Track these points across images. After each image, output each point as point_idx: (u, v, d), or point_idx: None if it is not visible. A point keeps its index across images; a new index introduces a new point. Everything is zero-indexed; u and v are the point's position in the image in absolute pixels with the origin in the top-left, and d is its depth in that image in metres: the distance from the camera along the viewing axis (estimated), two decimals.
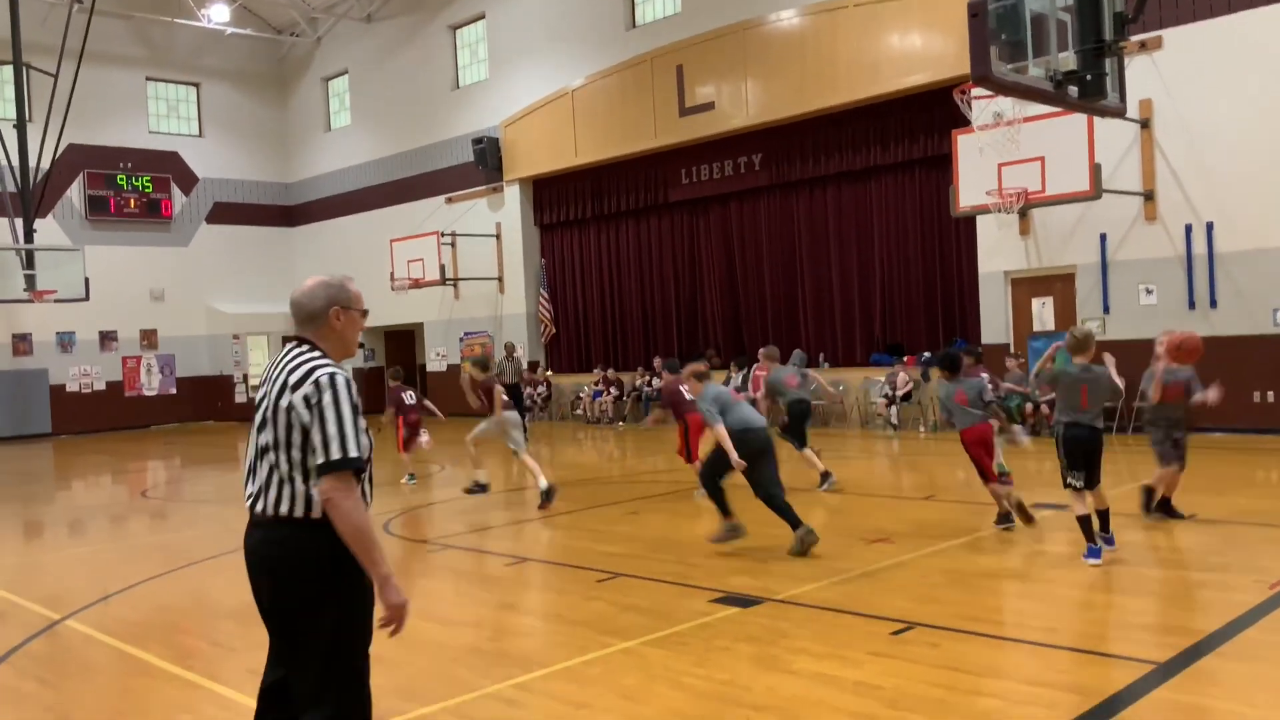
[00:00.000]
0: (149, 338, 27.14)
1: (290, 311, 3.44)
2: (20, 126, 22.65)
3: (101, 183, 26.30)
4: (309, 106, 29.00)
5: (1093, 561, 6.86)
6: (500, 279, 23.55)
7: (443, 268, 22.87)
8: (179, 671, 5.60)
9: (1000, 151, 13.55)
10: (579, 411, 21.42)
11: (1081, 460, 7.07)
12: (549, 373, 22.81)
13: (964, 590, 6.50)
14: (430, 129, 25.04)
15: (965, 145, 14.49)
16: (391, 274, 23.52)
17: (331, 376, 3.22)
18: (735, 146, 19.53)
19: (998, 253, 15.88)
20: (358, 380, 16.49)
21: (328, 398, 3.18)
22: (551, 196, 23.02)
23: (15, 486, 15.77)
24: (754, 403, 11.96)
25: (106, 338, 26.43)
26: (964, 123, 13.85)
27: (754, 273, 19.95)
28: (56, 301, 22.40)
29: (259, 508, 3.24)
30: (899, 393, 16.69)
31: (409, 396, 12.99)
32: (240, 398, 27.17)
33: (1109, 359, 7.42)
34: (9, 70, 23.22)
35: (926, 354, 17.17)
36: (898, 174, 17.81)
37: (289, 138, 29.61)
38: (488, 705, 4.85)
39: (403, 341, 27.92)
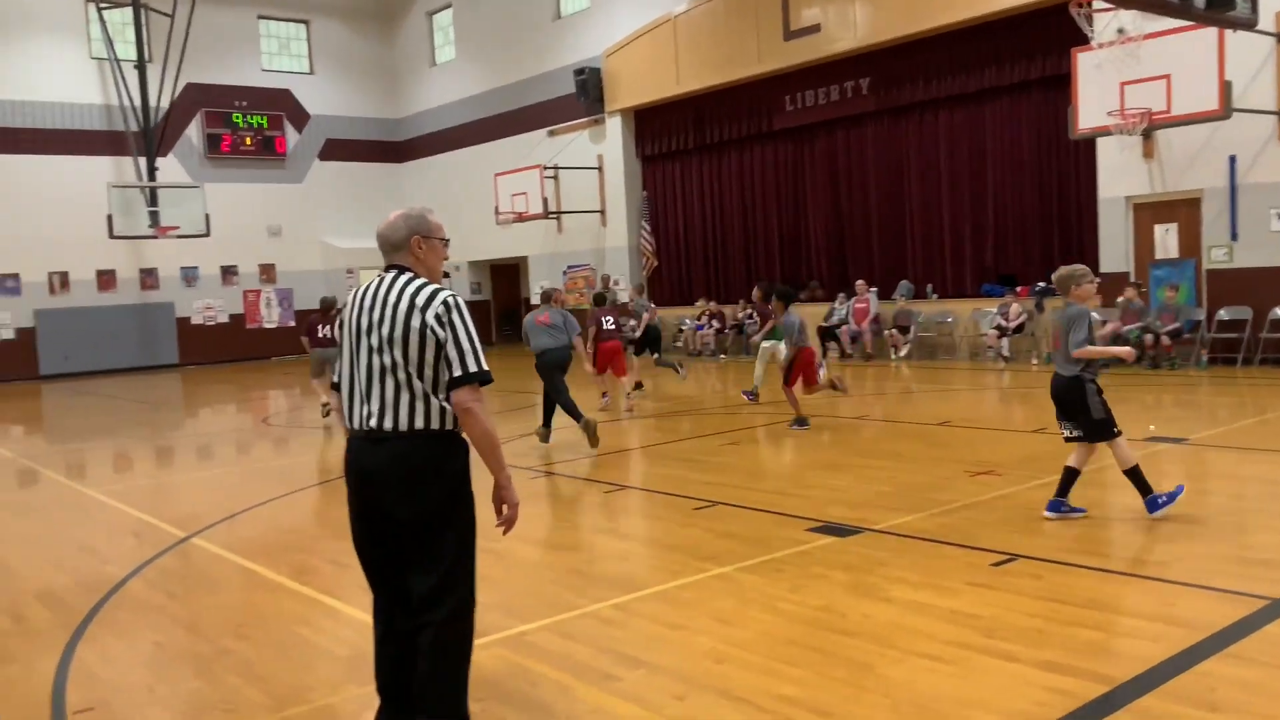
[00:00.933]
0: (268, 272, 28.12)
1: (378, 244, 3.60)
2: (140, 67, 23.50)
3: (219, 121, 27.11)
4: (414, 41, 29.25)
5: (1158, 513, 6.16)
6: (602, 211, 23.58)
7: (545, 201, 23.01)
8: (297, 587, 5.89)
9: (1122, 69, 12.88)
10: (679, 344, 21.45)
11: (1059, 409, 6.37)
12: (652, 305, 22.80)
13: (1070, 523, 6.34)
14: (532, 61, 25.02)
15: (1085, 63, 13.80)
16: (496, 208, 23.75)
17: (455, 297, 3.44)
18: (842, 70, 19.00)
19: (1119, 177, 15.18)
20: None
21: (456, 316, 3.40)
22: (653, 127, 22.84)
23: (146, 414, 16.65)
24: (858, 333, 12.99)
25: (228, 272, 27.47)
26: (1083, 40, 13.17)
27: (859, 201, 19.51)
28: (179, 237, 23.40)
29: (387, 425, 3.40)
30: (1011, 324, 16.22)
31: (608, 321, 13.14)
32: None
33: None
34: (129, 12, 23.97)
35: (1041, 284, 16.61)
36: (1013, 95, 17.09)
37: (396, 73, 29.96)
38: (586, 624, 4.98)
39: (509, 275, 28.32)
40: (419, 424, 3.38)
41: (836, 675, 4.17)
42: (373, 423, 3.42)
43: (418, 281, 3.46)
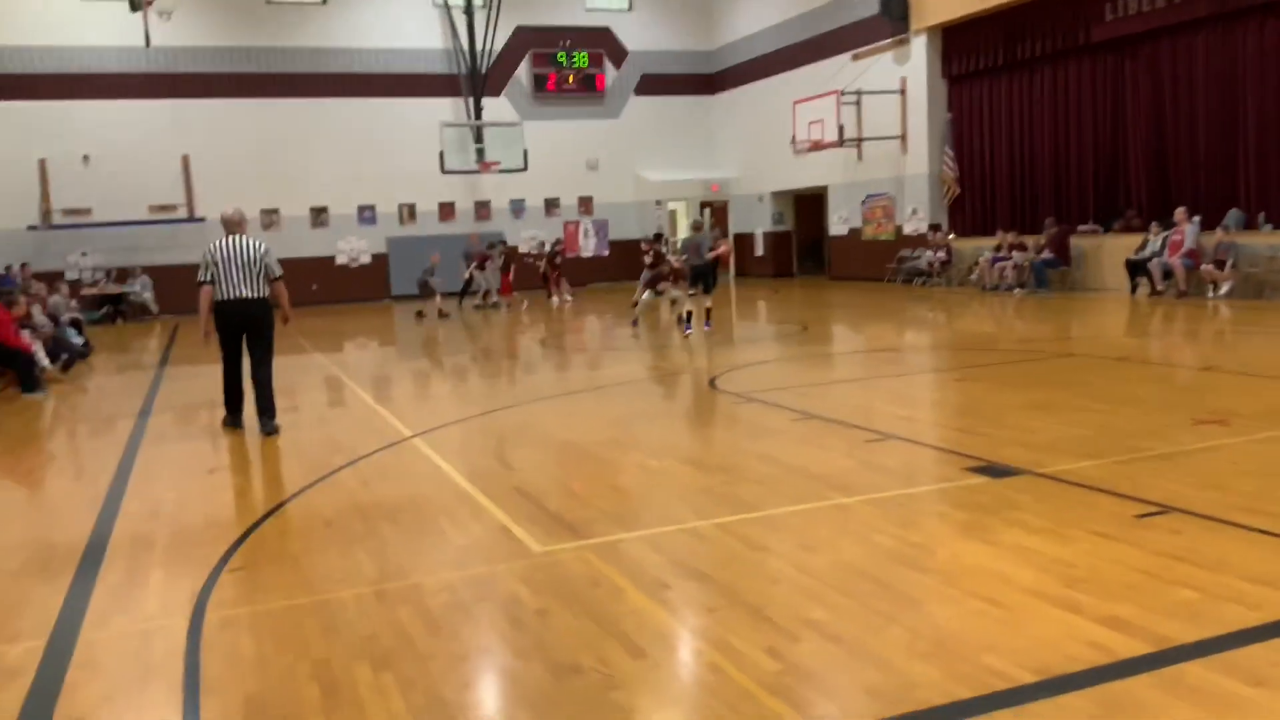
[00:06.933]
0: (585, 204, 29.75)
1: (230, 218, 8.57)
2: (469, 11, 25.41)
3: (545, 61, 28.82)
4: None
5: (688, 331, 14.06)
6: (903, 138, 22.67)
7: (841, 128, 22.48)
8: (482, 486, 6.50)
9: None
10: (974, 277, 20.35)
11: (699, 280, 14.24)
12: (951, 236, 21.81)
13: (1269, 480, 5.60)
14: None
15: None
16: (793, 136, 23.55)
17: (266, 245, 8.58)
18: None
19: None
20: (766, 241, 18.67)
21: (269, 251, 8.50)
22: (961, 45, 21.54)
23: (458, 333, 18.41)
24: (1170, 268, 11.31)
25: (550, 205, 29.39)
26: None
27: (1186, 120, 17.39)
28: (500, 172, 25.32)
29: (254, 295, 8.43)
30: None
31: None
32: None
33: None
34: None
35: None
36: None
37: (711, 5, 30.21)
38: (678, 539, 5.15)
39: (812, 205, 28.03)
40: (263, 294, 8.46)
41: (877, 608, 4.08)
42: (247, 294, 8.39)
43: (256, 239, 8.50)
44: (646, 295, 16.70)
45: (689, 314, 14.53)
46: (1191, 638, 3.62)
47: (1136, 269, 16.96)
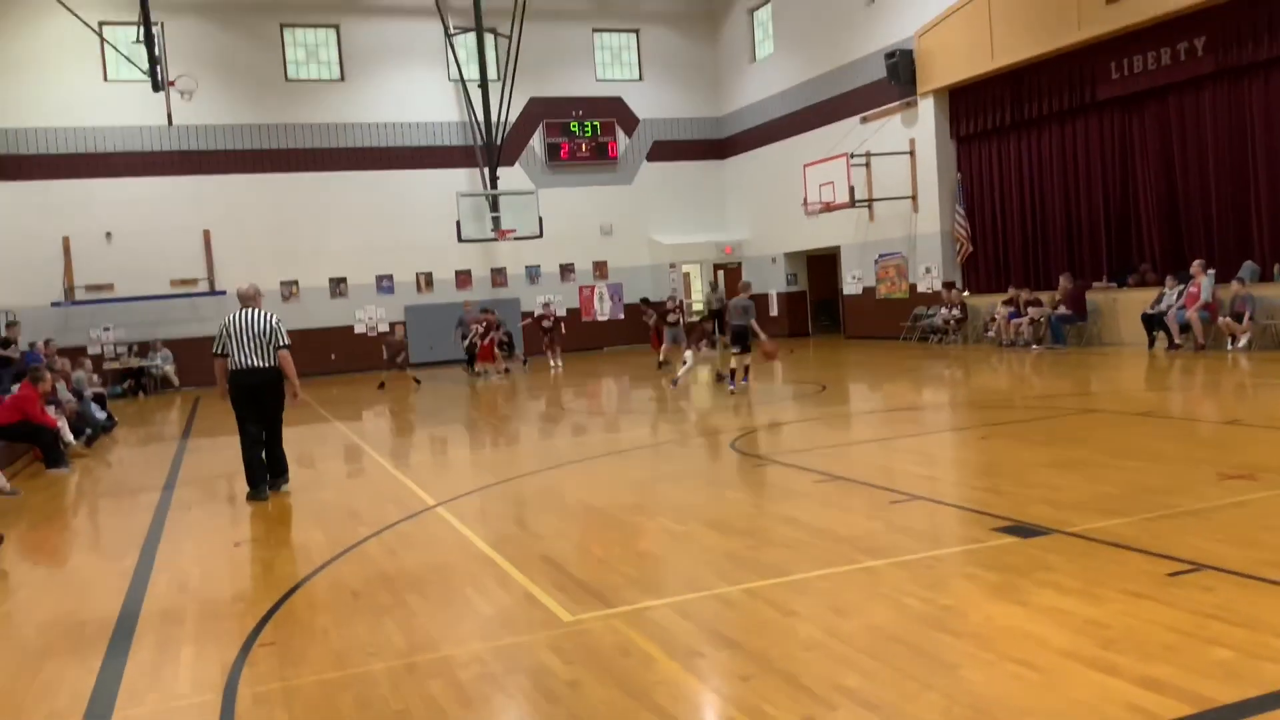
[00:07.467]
0: (600, 268, 30.02)
1: (245, 292, 9.19)
2: (484, 86, 25.94)
3: (558, 130, 29.30)
4: (736, 40, 29.91)
5: (732, 387, 14.79)
6: (914, 197, 22.87)
7: (852, 189, 22.71)
8: (491, 553, 6.50)
9: None
10: (990, 334, 20.37)
11: (737, 341, 14.81)
12: (965, 293, 21.88)
13: None
14: (846, 48, 24.73)
15: None
16: (804, 199, 23.77)
17: (277, 317, 9.15)
18: (1173, 31, 17.15)
19: None
20: (780, 302, 22.58)
21: (280, 322, 9.07)
22: (967, 106, 21.83)
23: (470, 399, 18.48)
24: (1188, 321, 11.52)
25: (566, 270, 29.66)
26: None
27: (1196, 174, 17.52)
28: (516, 239, 25.63)
29: (265, 365, 8.96)
30: None
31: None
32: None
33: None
34: (472, 37, 26.54)
35: None
36: None
37: (718, 73, 30.79)
38: (707, 605, 5.14)
39: (825, 265, 28.20)
40: (272, 363, 8.99)
41: (912, 673, 4.06)
42: (259, 364, 8.92)
43: (267, 311, 9.11)
44: (689, 362, 16.84)
45: (732, 371, 15.21)
46: (1231, 698, 3.59)
47: (1153, 323, 16.96)
